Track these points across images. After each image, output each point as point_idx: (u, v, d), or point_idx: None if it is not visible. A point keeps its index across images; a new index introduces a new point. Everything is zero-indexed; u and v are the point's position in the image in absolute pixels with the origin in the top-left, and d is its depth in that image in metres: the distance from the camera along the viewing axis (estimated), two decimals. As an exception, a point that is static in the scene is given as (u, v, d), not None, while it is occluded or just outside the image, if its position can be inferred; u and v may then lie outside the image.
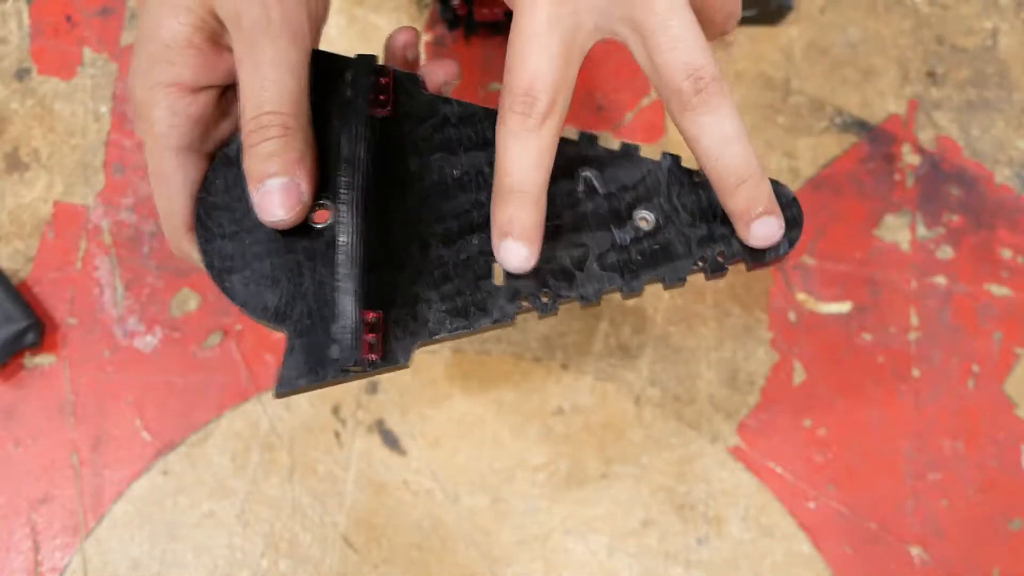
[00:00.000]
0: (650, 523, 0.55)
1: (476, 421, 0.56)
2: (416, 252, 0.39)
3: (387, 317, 0.38)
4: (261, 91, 0.37)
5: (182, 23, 0.37)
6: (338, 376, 0.38)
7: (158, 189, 0.39)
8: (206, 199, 0.39)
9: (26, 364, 0.57)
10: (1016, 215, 0.59)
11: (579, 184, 0.40)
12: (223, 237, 0.39)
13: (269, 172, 0.37)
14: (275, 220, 0.37)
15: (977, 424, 0.56)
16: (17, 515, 0.55)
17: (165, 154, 0.38)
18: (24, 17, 0.63)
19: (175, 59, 0.37)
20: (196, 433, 0.56)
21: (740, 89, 0.61)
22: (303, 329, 0.38)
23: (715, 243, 0.39)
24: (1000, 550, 0.54)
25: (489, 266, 0.39)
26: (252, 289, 0.38)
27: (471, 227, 0.39)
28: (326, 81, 0.40)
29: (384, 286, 0.38)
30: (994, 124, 0.60)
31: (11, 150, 0.61)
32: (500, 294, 0.39)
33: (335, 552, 0.54)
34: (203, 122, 0.39)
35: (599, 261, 0.39)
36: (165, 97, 0.38)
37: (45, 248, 0.59)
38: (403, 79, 0.40)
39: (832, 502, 0.55)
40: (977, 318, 0.57)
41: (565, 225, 0.39)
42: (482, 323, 0.39)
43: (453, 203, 0.40)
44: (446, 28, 0.62)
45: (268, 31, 0.36)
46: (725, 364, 0.57)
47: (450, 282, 0.39)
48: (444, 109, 0.40)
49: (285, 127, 0.37)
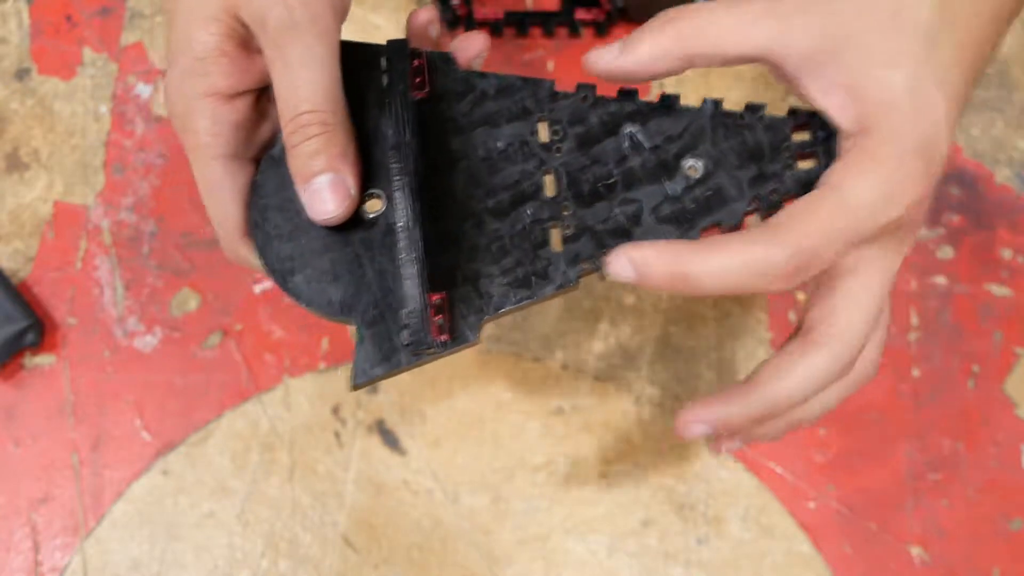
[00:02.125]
0: (650, 523, 0.55)
1: (476, 421, 0.56)
2: (471, 229, 0.39)
3: (451, 297, 0.38)
4: (295, 91, 0.37)
5: (212, 33, 0.37)
6: (412, 360, 0.38)
7: (209, 199, 0.39)
8: (258, 202, 0.39)
9: (26, 364, 0.57)
10: (1016, 215, 0.59)
11: (624, 141, 0.40)
12: (279, 239, 0.39)
13: (314, 170, 0.37)
14: (326, 217, 0.38)
15: (977, 424, 0.56)
16: (17, 515, 0.55)
17: (212, 163, 0.39)
18: (24, 17, 0.63)
19: (209, 69, 0.38)
20: (196, 433, 0.56)
21: (740, 89, 0.61)
22: (371, 319, 0.38)
23: (767, 182, 0.39)
24: (1000, 550, 0.54)
25: (546, 234, 0.39)
26: (315, 287, 0.39)
27: (523, 197, 0.39)
28: (358, 70, 0.40)
29: (445, 267, 0.38)
30: (994, 124, 0.60)
31: (11, 150, 0.61)
32: (560, 260, 0.39)
33: (335, 552, 0.54)
34: (244, 127, 0.39)
35: (654, 214, 0.39)
36: (205, 107, 0.38)
37: (45, 248, 0.59)
38: (436, 59, 0.40)
39: (832, 502, 0.55)
40: (977, 318, 0.57)
41: (617, 182, 0.39)
42: (546, 291, 0.39)
43: (501, 176, 0.40)
44: (446, 28, 0.62)
45: (294, 30, 0.36)
46: (725, 364, 0.57)
47: (508, 255, 0.39)
48: (480, 84, 0.40)
49: (324, 124, 0.37)
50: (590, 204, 0.39)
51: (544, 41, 0.62)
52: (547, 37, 0.62)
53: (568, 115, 0.40)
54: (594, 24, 0.62)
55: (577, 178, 0.39)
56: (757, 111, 0.39)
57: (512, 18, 0.62)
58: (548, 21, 0.62)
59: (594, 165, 0.40)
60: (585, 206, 0.39)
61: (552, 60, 0.62)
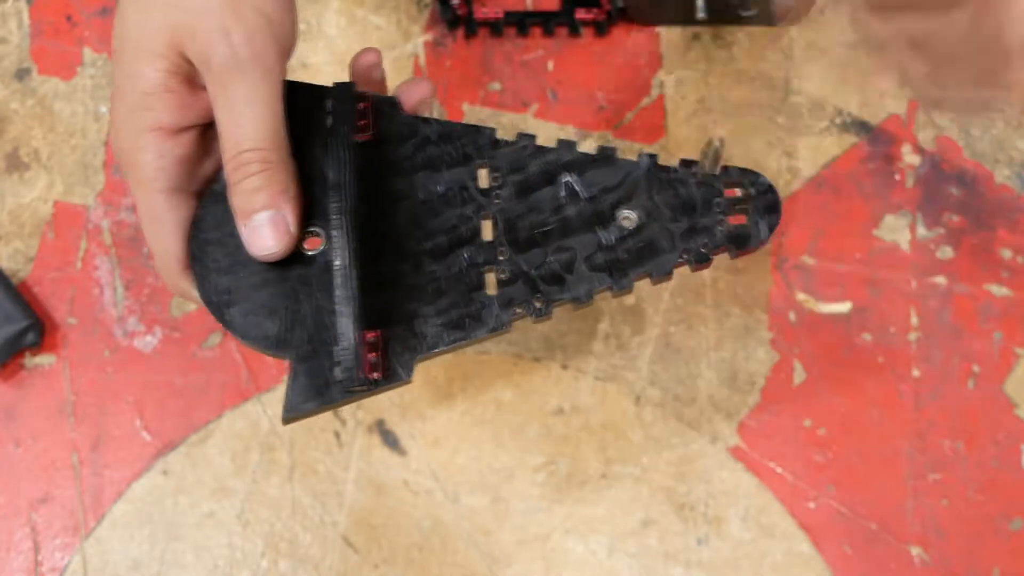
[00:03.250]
0: (650, 523, 0.55)
1: (476, 421, 0.56)
2: (408, 270, 0.40)
3: (386, 335, 0.39)
4: (238, 129, 0.37)
5: (157, 69, 0.38)
6: (343, 397, 0.39)
7: (151, 232, 0.40)
8: (198, 236, 0.40)
9: (26, 364, 0.57)
10: (1016, 215, 0.59)
11: (561, 190, 0.41)
12: (219, 272, 0.39)
13: (255, 207, 0.38)
14: (265, 253, 0.38)
15: (977, 424, 0.56)
16: (17, 515, 0.55)
17: (155, 197, 0.39)
18: (24, 17, 0.63)
19: (154, 104, 0.38)
20: (196, 433, 0.56)
21: (740, 89, 0.61)
22: (305, 354, 0.39)
23: (698, 235, 0.40)
24: (1000, 550, 0.54)
25: (481, 277, 0.40)
26: (252, 320, 0.39)
27: (460, 241, 0.40)
28: (303, 110, 0.40)
29: (380, 305, 0.39)
30: (994, 124, 0.60)
31: (11, 150, 0.61)
32: (494, 303, 0.40)
33: (335, 552, 0.54)
34: (188, 162, 0.39)
35: (587, 262, 0.40)
36: (150, 142, 0.38)
37: (45, 248, 0.59)
38: (381, 103, 0.41)
39: (832, 502, 0.55)
40: (977, 318, 0.57)
41: (552, 230, 0.40)
42: (478, 333, 0.40)
43: (440, 219, 0.41)
44: (446, 28, 0.62)
45: (238, 69, 0.37)
46: (725, 364, 0.57)
47: (444, 296, 0.40)
48: (423, 129, 0.41)
49: (266, 162, 0.37)
50: (526, 250, 0.40)
51: (544, 41, 0.62)
52: (547, 37, 0.62)
53: (508, 162, 0.41)
54: (594, 24, 0.62)
55: (514, 224, 0.41)
56: (691, 166, 0.41)
57: (512, 18, 0.62)
58: (548, 21, 0.62)
59: (531, 212, 0.41)
60: (521, 252, 0.40)
61: (552, 60, 0.62)
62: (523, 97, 0.61)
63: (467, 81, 0.61)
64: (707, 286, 0.58)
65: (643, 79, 0.61)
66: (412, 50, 0.62)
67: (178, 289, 0.41)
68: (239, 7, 0.37)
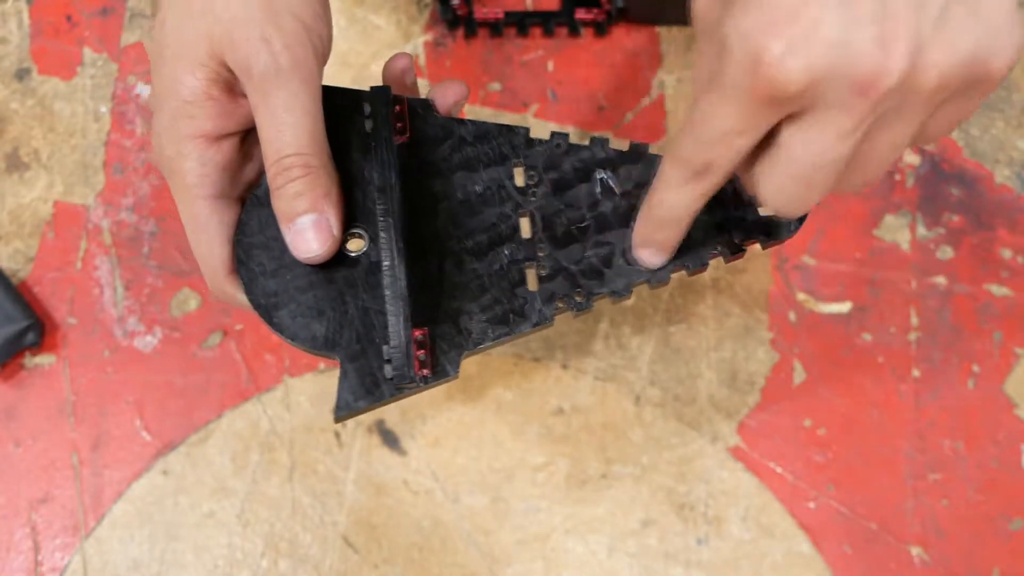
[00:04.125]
0: (650, 523, 0.55)
1: (476, 421, 0.56)
2: (451, 268, 0.41)
3: (432, 333, 0.40)
4: (279, 135, 0.38)
5: (198, 78, 0.38)
6: (394, 394, 0.39)
7: (195, 238, 0.40)
8: (243, 241, 0.40)
9: (26, 364, 0.57)
10: (1016, 215, 0.59)
11: (596, 186, 0.42)
12: (264, 275, 0.40)
13: (298, 211, 0.38)
14: (310, 256, 0.39)
15: (977, 424, 0.56)
16: (17, 515, 0.55)
17: (199, 203, 0.40)
18: (24, 17, 0.63)
19: (196, 113, 0.39)
20: (196, 433, 0.56)
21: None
22: (354, 354, 0.39)
23: (730, 227, 0.41)
24: (1000, 550, 0.54)
25: (522, 273, 0.41)
26: (300, 322, 0.40)
27: (500, 239, 0.41)
28: (341, 114, 0.41)
29: (426, 304, 0.40)
30: (994, 124, 0.60)
31: (11, 150, 0.61)
32: (536, 298, 0.41)
33: (335, 552, 0.54)
34: (230, 168, 0.40)
35: (624, 256, 0.41)
36: (192, 150, 0.39)
37: (45, 248, 0.59)
38: (416, 105, 0.42)
39: (832, 502, 0.55)
40: (977, 318, 0.57)
41: (589, 226, 0.41)
42: (522, 328, 0.41)
43: (480, 218, 0.41)
44: (446, 28, 0.62)
45: (279, 77, 0.37)
46: (725, 364, 0.57)
47: (487, 293, 0.41)
48: (459, 130, 0.42)
49: (307, 167, 0.38)
50: (564, 246, 0.41)
51: (544, 41, 0.62)
52: (547, 37, 0.62)
53: (543, 161, 0.42)
54: (594, 24, 0.62)
55: (552, 221, 0.41)
56: None
57: (512, 18, 0.62)
58: (548, 21, 0.62)
59: (568, 209, 0.41)
60: (559, 247, 0.41)
61: (552, 60, 0.62)
62: (523, 97, 0.61)
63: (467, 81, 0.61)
64: (707, 286, 0.58)
65: (643, 79, 0.61)
66: (412, 50, 0.62)
67: (223, 294, 0.41)
68: (278, 16, 0.38)
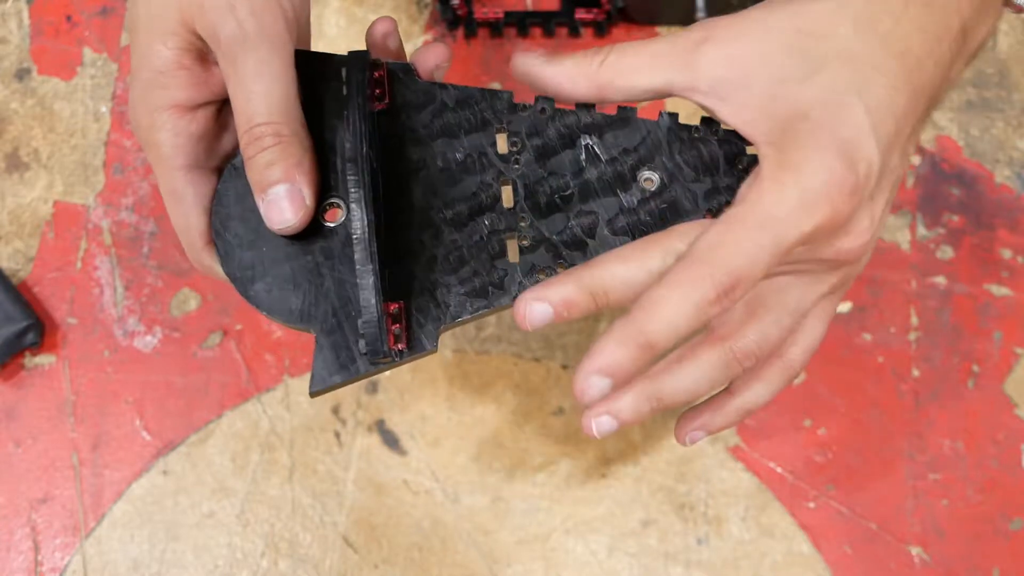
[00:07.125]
0: (650, 523, 0.55)
1: (476, 421, 0.56)
2: (429, 239, 0.40)
3: (409, 306, 0.39)
4: (249, 104, 0.37)
5: (170, 47, 0.38)
6: (369, 369, 0.38)
7: (173, 209, 0.40)
8: (220, 211, 0.40)
9: (26, 364, 0.57)
10: (1016, 215, 0.59)
11: (581, 153, 0.40)
12: (241, 247, 0.40)
13: (271, 180, 0.38)
14: (283, 226, 0.38)
15: (977, 424, 0.56)
16: (17, 515, 0.55)
17: (175, 174, 0.39)
18: (24, 17, 0.63)
19: (168, 83, 0.38)
20: (196, 433, 0.56)
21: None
22: (329, 328, 0.39)
23: (720, 194, 0.39)
24: (1000, 550, 0.54)
25: (503, 245, 0.39)
26: (275, 294, 0.39)
27: (480, 208, 0.40)
28: (318, 81, 0.40)
29: (402, 276, 0.39)
30: (994, 124, 0.60)
31: (11, 150, 0.61)
32: (516, 271, 0.39)
33: (335, 552, 0.54)
34: (205, 138, 0.40)
35: (609, 226, 0.39)
36: (166, 120, 0.39)
37: (45, 248, 0.59)
38: (396, 70, 0.41)
39: (832, 502, 0.55)
40: (977, 318, 0.57)
41: (573, 194, 0.40)
42: (502, 301, 0.39)
43: (460, 187, 0.40)
44: (446, 28, 0.62)
45: (246, 44, 0.37)
46: (725, 364, 0.57)
47: (466, 265, 0.39)
48: (440, 95, 0.41)
49: (278, 135, 0.37)
50: (547, 215, 0.40)
51: (544, 41, 0.62)
52: (547, 37, 0.62)
53: (527, 127, 0.40)
54: (594, 24, 0.62)
55: (535, 189, 0.40)
56: (712, 125, 0.40)
57: (512, 18, 0.62)
58: (548, 21, 0.62)
59: (551, 176, 0.40)
60: (542, 217, 0.40)
61: (552, 60, 0.62)
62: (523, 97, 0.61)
63: (467, 81, 0.61)
64: (707, 286, 0.58)
65: (643, 79, 0.61)
66: (412, 50, 0.62)
67: (202, 265, 0.41)
68: None
